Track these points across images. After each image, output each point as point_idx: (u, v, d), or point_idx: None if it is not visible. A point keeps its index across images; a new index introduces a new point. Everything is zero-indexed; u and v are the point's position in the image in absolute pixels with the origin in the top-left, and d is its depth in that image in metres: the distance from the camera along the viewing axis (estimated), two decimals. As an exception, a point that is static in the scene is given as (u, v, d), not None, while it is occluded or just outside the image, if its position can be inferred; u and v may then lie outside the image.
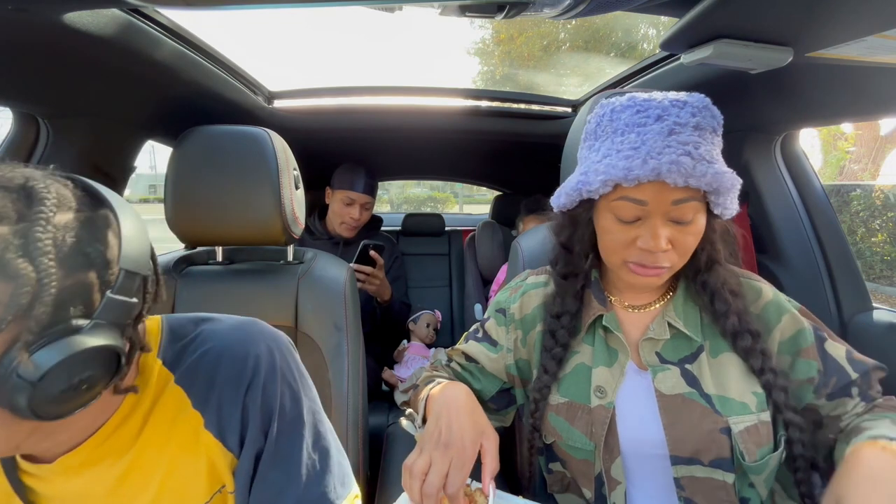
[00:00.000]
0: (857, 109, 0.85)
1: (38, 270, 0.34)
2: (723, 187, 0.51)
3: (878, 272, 5.64)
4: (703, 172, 0.49)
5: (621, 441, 0.59)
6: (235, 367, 0.50)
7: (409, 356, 1.63)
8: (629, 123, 0.53)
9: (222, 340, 0.52)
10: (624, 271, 0.57)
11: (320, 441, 0.54)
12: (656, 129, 0.51)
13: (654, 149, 0.50)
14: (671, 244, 0.54)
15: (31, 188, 0.37)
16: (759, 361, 0.57)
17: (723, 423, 0.56)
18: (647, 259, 0.54)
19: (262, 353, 0.52)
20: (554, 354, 0.63)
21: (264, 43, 49.15)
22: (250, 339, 0.53)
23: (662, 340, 0.61)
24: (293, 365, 0.55)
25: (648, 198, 0.52)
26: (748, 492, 0.58)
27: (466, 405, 0.56)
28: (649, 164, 0.49)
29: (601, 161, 0.54)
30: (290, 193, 0.85)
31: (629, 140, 0.52)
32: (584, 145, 0.61)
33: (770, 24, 0.57)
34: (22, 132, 0.84)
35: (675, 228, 0.53)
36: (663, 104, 0.52)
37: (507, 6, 0.56)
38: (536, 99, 1.59)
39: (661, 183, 0.50)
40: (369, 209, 1.59)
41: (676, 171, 0.49)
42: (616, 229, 0.55)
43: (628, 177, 0.50)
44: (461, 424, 0.53)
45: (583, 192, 0.55)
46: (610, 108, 0.56)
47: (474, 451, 0.51)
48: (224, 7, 0.56)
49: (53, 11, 0.57)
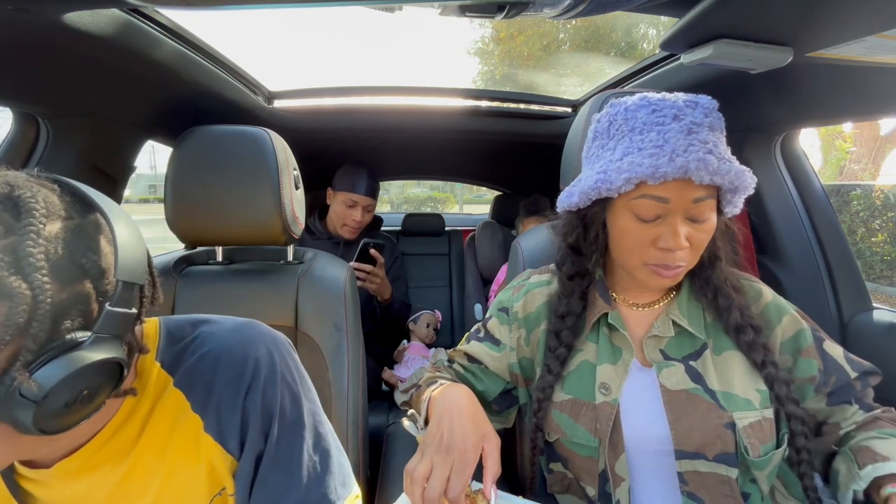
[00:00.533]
0: (857, 109, 0.85)
1: (32, 287, 0.33)
2: (742, 186, 0.53)
3: (878, 272, 5.64)
4: (728, 170, 0.51)
5: (626, 437, 0.59)
6: (235, 370, 0.49)
7: (409, 356, 1.63)
8: (647, 122, 0.53)
9: (221, 343, 0.51)
10: (644, 273, 0.57)
11: (321, 442, 0.53)
12: (676, 128, 0.52)
13: (679, 147, 0.50)
14: (688, 242, 0.54)
15: (18, 198, 0.35)
16: (760, 355, 0.58)
17: (728, 419, 0.56)
18: (669, 259, 0.54)
19: (262, 356, 0.51)
20: (558, 355, 0.64)
21: (264, 43, 49.29)
22: (249, 341, 0.52)
23: (666, 338, 0.62)
24: (293, 367, 0.54)
25: (671, 196, 0.52)
26: (750, 487, 0.58)
27: (468, 408, 0.56)
28: (676, 161, 0.50)
29: (622, 159, 0.54)
30: (290, 193, 0.85)
31: (650, 139, 0.52)
32: (593, 144, 0.61)
33: (770, 24, 0.57)
34: (22, 132, 0.84)
35: (692, 227, 0.54)
36: (678, 104, 0.53)
37: (507, 6, 0.56)
38: (536, 99, 1.59)
39: (682, 181, 0.51)
40: (371, 211, 1.59)
41: (704, 169, 0.49)
42: (635, 228, 0.55)
43: (655, 174, 0.50)
44: (463, 428, 0.53)
45: (602, 190, 0.55)
46: (623, 107, 0.56)
47: (476, 454, 0.51)
48: (224, 7, 0.56)
49: (53, 11, 0.57)
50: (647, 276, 0.57)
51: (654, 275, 0.56)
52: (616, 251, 0.60)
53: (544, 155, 1.48)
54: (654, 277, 0.56)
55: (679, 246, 0.53)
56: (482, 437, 0.53)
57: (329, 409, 0.79)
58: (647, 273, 0.57)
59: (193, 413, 0.49)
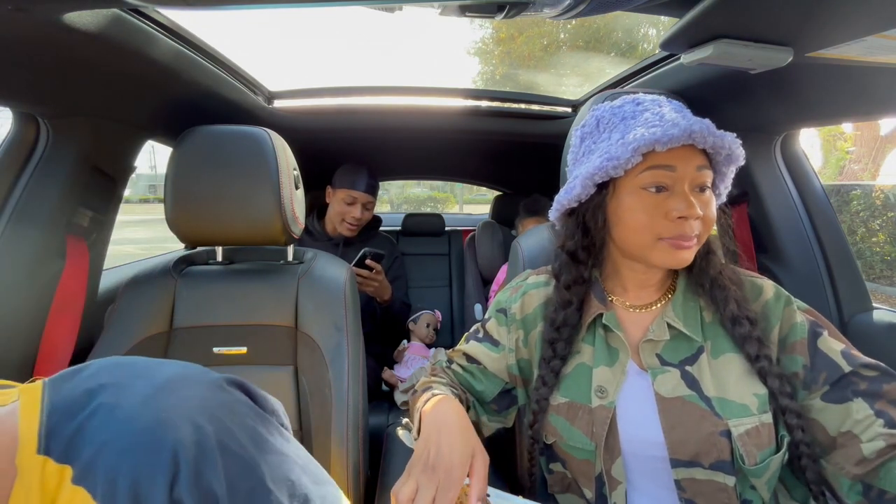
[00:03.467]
0: (857, 109, 0.85)
1: None
2: (735, 154, 0.57)
3: (878, 272, 5.63)
4: (722, 135, 0.54)
5: (622, 441, 0.59)
6: (148, 463, 0.37)
7: (409, 356, 1.63)
8: (636, 111, 0.58)
9: (124, 427, 0.38)
10: (659, 251, 0.57)
11: (297, 491, 0.43)
12: (668, 108, 0.57)
13: (677, 117, 0.55)
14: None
15: None
16: (755, 349, 0.57)
17: (723, 426, 0.55)
18: (685, 228, 0.55)
19: (184, 438, 0.38)
20: (553, 367, 0.63)
21: (264, 43, 49.16)
22: (164, 424, 0.38)
23: (662, 342, 0.61)
24: (237, 427, 0.42)
25: (677, 163, 0.55)
26: (750, 494, 0.58)
27: (457, 424, 0.55)
28: (680, 124, 0.53)
29: (623, 138, 0.56)
30: (290, 193, 0.85)
31: (646, 118, 0.56)
32: (582, 145, 0.63)
33: (770, 24, 0.57)
34: (22, 132, 0.84)
35: (697, 198, 0.56)
36: (655, 97, 0.59)
37: (507, 6, 0.56)
38: (536, 99, 1.59)
39: (685, 149, 0.55)
40: (370, 209, 1.60)
41: (707, 131, 0.53)
42: (646, 203, 0.56)
43: (662, 139, 0.52)
44: (451, 445, 0.52)
45: (608, 168, 0.55)
46: (608, 106, 0.61)
47: (463, 472, 0.50)
48: (224, 7, 0.56)
49: (53, 11, 0.57)
50: (663, 253, 0.57)
51: (671, 249, 0.56)
52: (625, 235, 0.59)
53: (544, 155, 1.48)
54: (671, 252, 0.56)
55: (693, 213, 0.54)
56: (470, 454, 0.52)
57: (329, 409, 0.79)
58: (664, 250, 0.56)
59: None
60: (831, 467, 0.54)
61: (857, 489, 0.52)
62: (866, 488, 0.51)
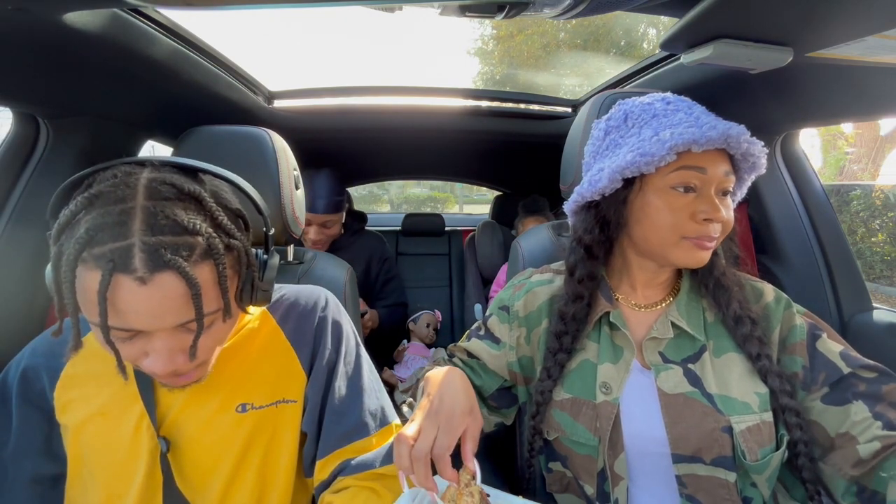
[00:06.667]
0: (857, 109, 0.85)
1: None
2: (759, 163, 0.57)
3: (878, 272, 5.64)
4: (755, 142, 0.55)
5: (625, 437, 0.59)
6: (311, 300, 0.67)
7: (409, 356, 1.63)
8: (667, 110, 0.58)
9: (295, 290, 0.68)
10: (681, 250, 0.57)
11: (373, 368, 0.69)
12: (699, 110, 0.58)
13: (712, 121, 0.55)
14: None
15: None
16: (756, 348, 0.58)
17: (724, 423, 0.56)
18: (709, 229, 0.56)
19: (328, 296, 0.69)
20: (558, 360, 0.64)
21: (264, 43, 49.02)
22: (315, 290, 0.70)
23: (666, 340, 0.62)
24: (347, 313, 0.72)
25: (708, 166, 0.55)
26: (750, 491, 0.58)
27: (460, 384, 0.57)
28: (718, 128, 0.53)
29: (657, 135, 0.56)
30: (290, 193, 0.85)
31: (679, 118, 0.56)
32: (607, 138, 0.63)
33: (770, 24, 0.57)
34: (22, 132, 0.84)
35: (721, 201, 0.57)
36: (681, 97, 0.60)
37: (507, 6, 0.56)
38: (536, 99, 1.59)
39: (715, 153, 0.56)
40: (331, 226, 1.43)
41: (743, 136, 0.54)
42: (673, 203, 0.56)
43: (700, 140, 0.53)
44: (453, 398, 0.54)
45: (641, 164, 0.55)
46: (637, 101, 0.61)
47: (462, 421, 0.52)
48: (224, 7, 0.56)
49: (53, 11, 0.57)
50: (685, 252, 0.57)
51: (694, 248, 0.57)
52: (648, 233, 0.59)
53: (544, 155, 1.49)
54: (693, 252, 0.57)
55: (719, 216, 0.55)
56: (470, 409, 0.54)
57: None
58: (687, 249, 0.57)
59: (276, 324, 0.64)
60: (829, 468, 0.55)
61: (853, 491, 0.52)
62: (860, 490, 0.52)
